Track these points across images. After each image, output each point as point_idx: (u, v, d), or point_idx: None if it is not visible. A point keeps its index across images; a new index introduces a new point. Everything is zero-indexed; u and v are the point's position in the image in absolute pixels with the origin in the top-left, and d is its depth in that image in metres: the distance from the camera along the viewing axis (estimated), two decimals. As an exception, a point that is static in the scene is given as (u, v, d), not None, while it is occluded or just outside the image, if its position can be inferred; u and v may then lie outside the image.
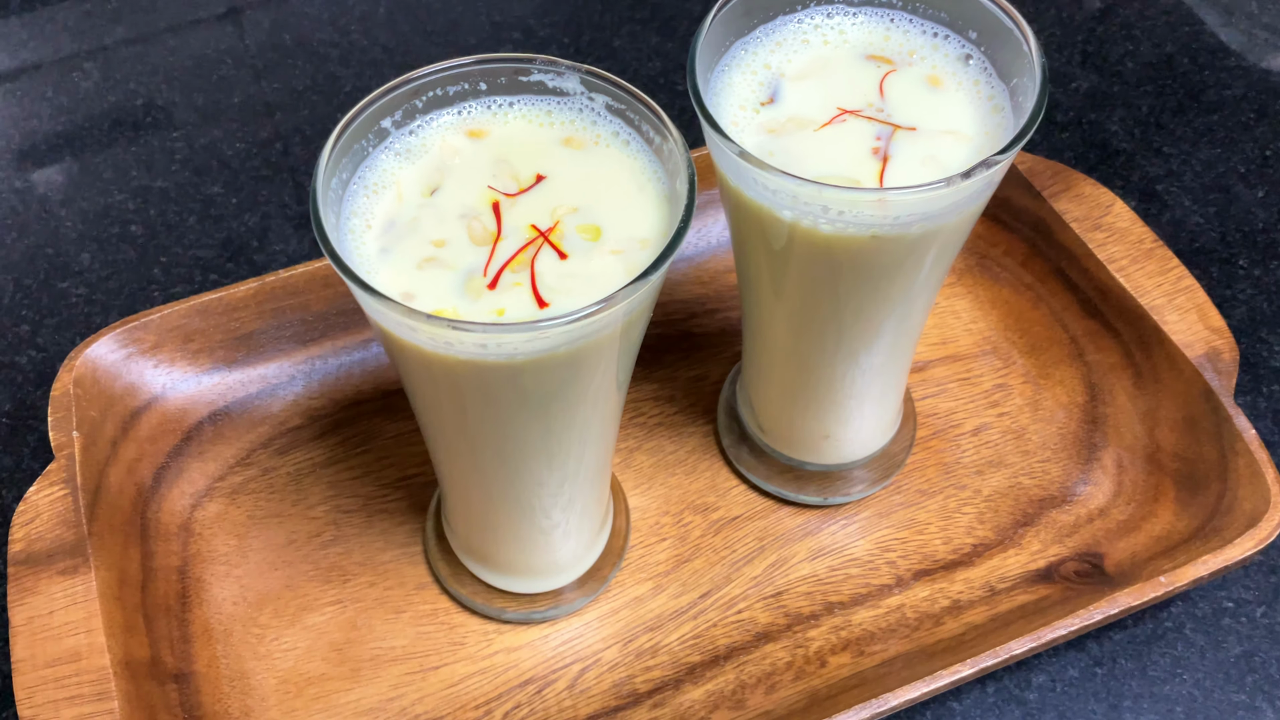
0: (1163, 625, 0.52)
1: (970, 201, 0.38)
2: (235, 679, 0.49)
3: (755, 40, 0.43)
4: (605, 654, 0.50)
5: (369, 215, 0.38)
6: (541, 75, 0.40)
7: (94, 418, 0.53)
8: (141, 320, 0.55)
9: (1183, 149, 0.69)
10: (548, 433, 0.41)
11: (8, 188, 0.69)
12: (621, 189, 0.38)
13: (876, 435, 0.53)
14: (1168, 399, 0.54)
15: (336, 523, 0.54)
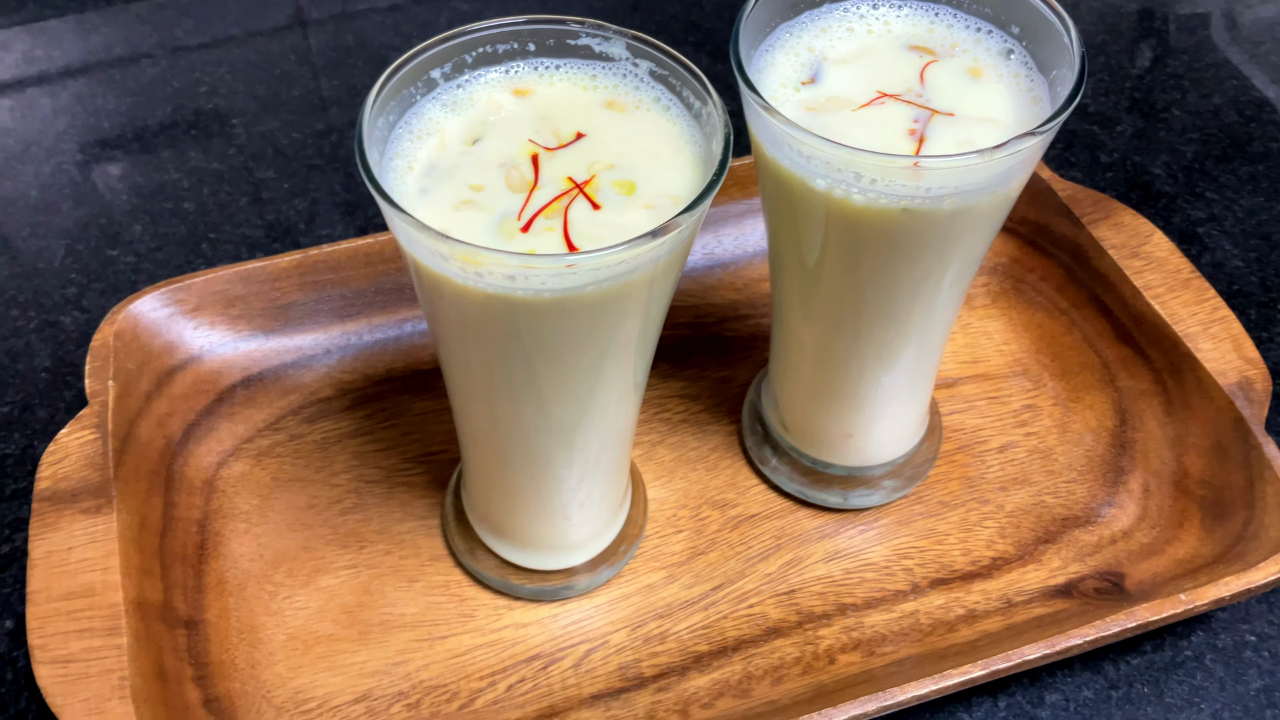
0: (1182, 654, 0.51)
1: (1002, 182, 0.39)
2: (245, 631, 0.50)
3: (800, 24, 0.44)
4: (613, 637, 0.50)
5: (411, 158, 0.39)
6: (589, 39, 0.41)
7: (130, 370, 0.54)
8: (186, 282, 0.56)
9: (1225, 195, 0.69)
10: (569, 388, 0.41)
11: (70, 160, 0.71)
12: (659, 150, 0.39)
13: (900, 440, 0.53)
14: (1197, 426, 0.53)
15: (358, 491, 0.54)
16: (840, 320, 0.46)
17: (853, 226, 0.40)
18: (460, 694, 0.48)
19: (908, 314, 0.45)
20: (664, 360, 0.60)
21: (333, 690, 0.48)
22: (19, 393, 0.59)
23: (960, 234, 0.41)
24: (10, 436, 0.57)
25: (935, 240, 0.41)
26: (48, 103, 0.75)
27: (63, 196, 0.69)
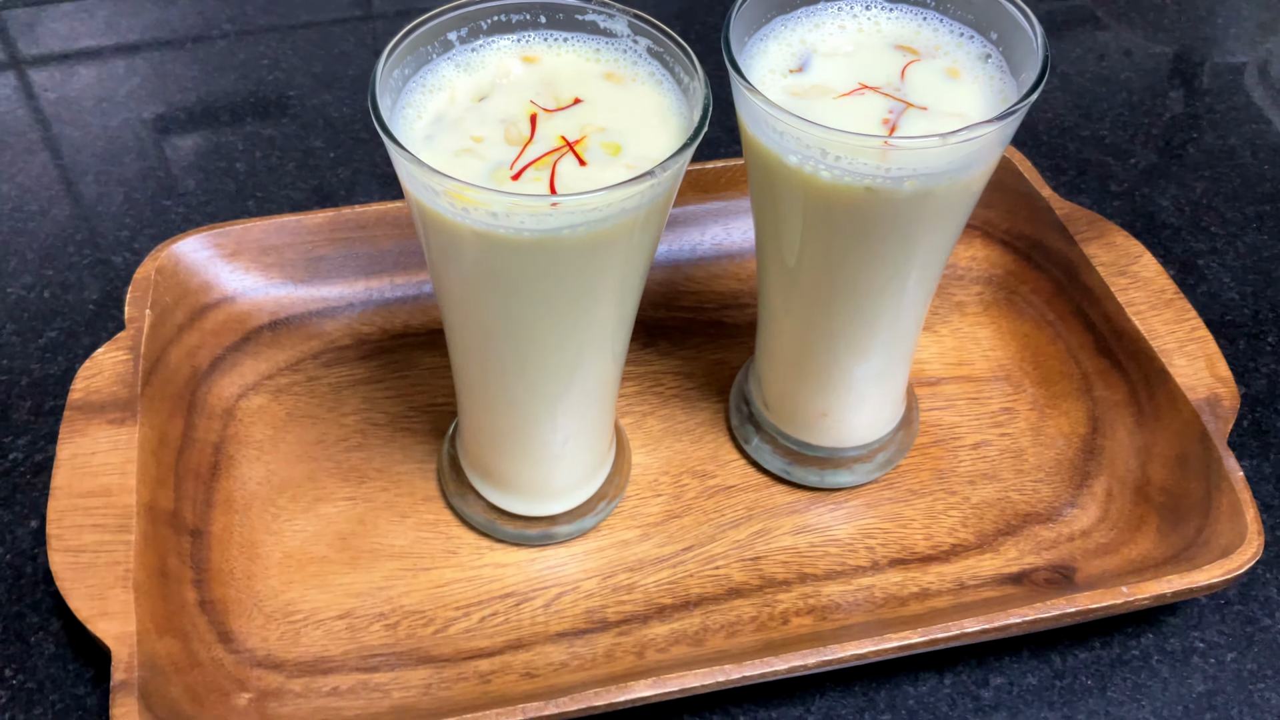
0: (1130, 652, 0.53)
1: (960, 169, 0.42)
2: (245, 546, 0.54)
3: (796, 19, 0.47)
4: (584, 584, 0.53)
5: (421, 108, 0.43)
6: (595, 16, 0.45)
7: (168, 303, 0.58)
8: (226, 228, 0.61)
9: (1229, 230, 0.71)
10: (547, 336, 0.45)
11: (137, 118, 0.77)
12: (648, 118, 0.43)
13: (874, 425, 0.56)
14: (1164, 436, 0.55)
15: (364, 432, 0.58)
16: (814, 304, 0.49)
17: (821, 203, 0.44)
18: (436, 620, 0.52)
19: (876, 300, 0.48)
20: (664, 339, 0.63)
21: (319, 605, 0.52)
22: (67, 320, 0.64)
23: (921, 218, 0.44)
24: (54, 359, 0.62)
25: (897, 222, 0.44)
26: (124, 65, 0.81)
27: (127, 150, 0.74)
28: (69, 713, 0.50)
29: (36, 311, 0.65)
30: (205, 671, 0.48)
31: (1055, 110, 0.78)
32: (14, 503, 0.56)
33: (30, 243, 0.68)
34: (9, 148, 0.74)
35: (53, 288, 0.66)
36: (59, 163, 0.74)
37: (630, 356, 0.62)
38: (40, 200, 0.71)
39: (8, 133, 0.75)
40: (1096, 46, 0.84)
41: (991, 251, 0.66)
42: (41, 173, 0.73)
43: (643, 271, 0.46)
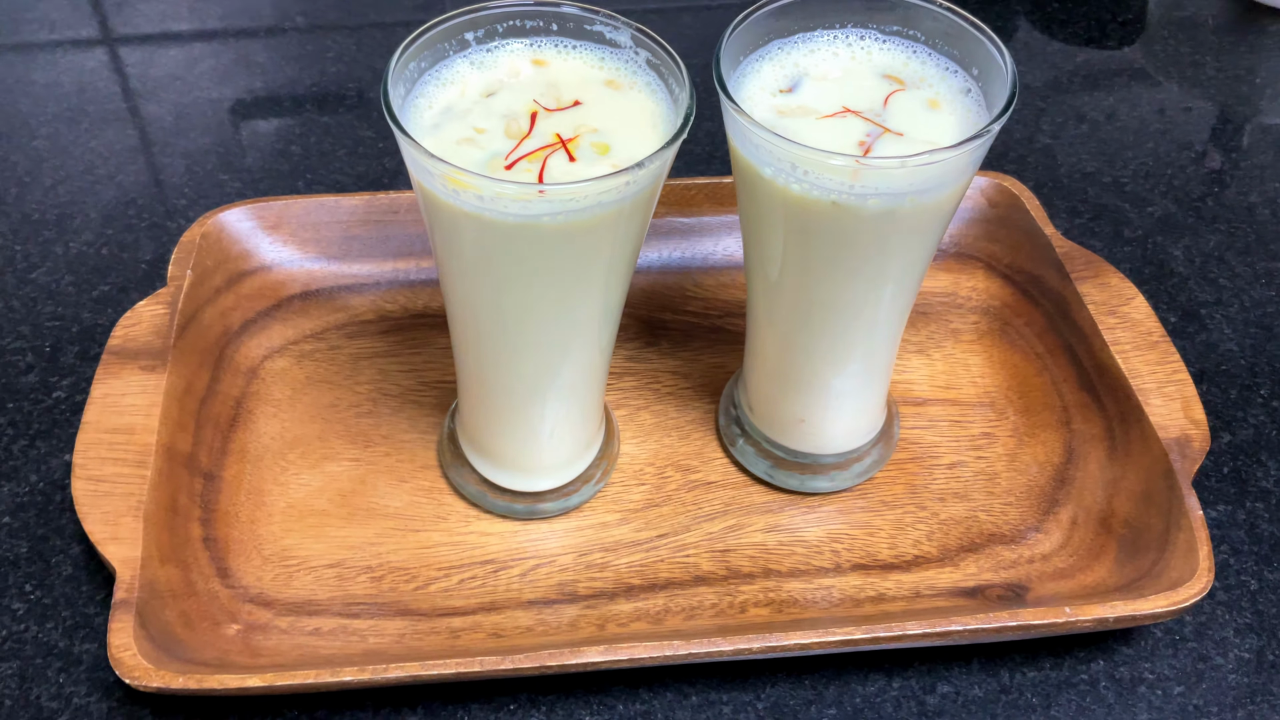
0: (1079, 675, 0.55)
1: (922, 192, 0.45)
2: (252, 493, 0.58)
3: (792, 43, 0.50)
4: (560, 558, 0.57)
5: (432, 99, 0.47)
6: (602, 27, 0.48)
7: (208, 266, 0.63)
8: (270, 203, 0.66)
9: (1237, 284, 0.72)
10: (532, 321, 0.48)
11: (206, 97, 0.82)
12: (639, 124, 0.46)
13: (851, 435, 0.59)
14: (1133, 472, 0.57)
15: (375, 401, 0.62)
16: (794, 317, 0.52)
17: (794, 216, 0.47)
18: (418, 578, 0.56)
19: (851, 315, 0.51)
20: (666, 340, 0.67)
21: (314, 554, 0.56)
22: (119, 276, 0.69)
23: (887, 235, 0.47)
24: (104, 310, 0.67)
25: (865, 237, 0.47)
26: (201, 49, 0.87)
27: (194, 126, 0.80)
28: (77, 629, 0.54)
29: (94, 266, 0.70)
30: (200, 601, 0.53)
31: (1080, 155, 0.80)
32: (52, 436, 0.61)
33: (96, 203, 0.74)
34: (88, 116, 0.80)
35: (111, 246, 0.71)
36: (132, 133, 0.79)
37: (632, 353, 0.66)
38: (109, 166, 0.76)
39: (89, 102, 0.81)
40: (1130, 97, 0.85)
41: (991, 283, 0.68)
42: (115, 140, 0.78)
43: (626, 267, 0.49)
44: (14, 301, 0.68)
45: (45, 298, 0.68)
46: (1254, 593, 0.58)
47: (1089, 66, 0.88)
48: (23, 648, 0.53)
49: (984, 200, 0.69)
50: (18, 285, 0.69)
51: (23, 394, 0.63)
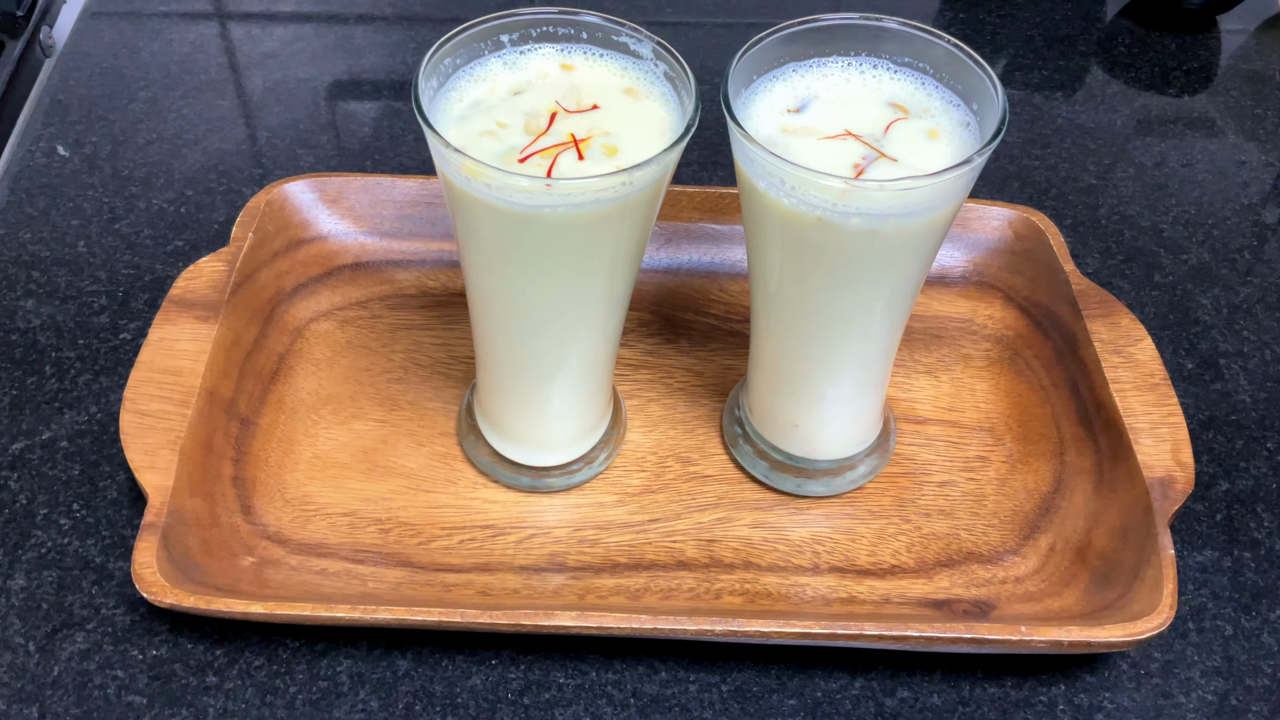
0: (1038, 696, 0.57)
1: (903, 215, 0.47)
2: (282, 441, 0.63)
3: (807, 66, 0.53)
4: (555, 531, 0.60)
5: (462, 93, 0.51)
6: (627, 39, 0.52)
7: (269, 230, 0.68)
8: (332, 178, 0.71)
9: (1262, 338, 0.73)
10: (542, 302, 0.52)
11: (294, 77, 0.88)
12: (649, 131, 0.50)
13: (844, 443, 0.61)
14: (1114, 507, 0.59)
15: (406, 369, 0.67)
16: (790, 327, 0.55)
17: (785, 228, 0.50)
18: (422, 534, 0.60)
19: (842, 328, 0.54)
20: (686, 339, 0.70)
21: (331, 502, 0.61)
22: (193, 234, 0.75)
23: (871, 254, 0.49)
24: (175, 264, 0.73)
25: (849, 254, 0.49)
26: (295, 31, 0.92)
27: (280, 101, 0.86)
28: (113, 547, 0.60)
29: (171, 223, 0.76)
30: (221, 532, 0.58)
31: (1123, 197, 0.81)
32: (114, 373, 0.67)
33: (181, 165, 0.80)
34: (184, 84, 0.87)
35: (189, 205, 0.77)
36: (222, 104, 0.85)
37: (653, 347, 0.69)
38: (197, 131, 0.83)
39: (186, 72, 0.88)
40: (1184, 145, 0.86)
41: (1008, 314, 0.70)
42: (206, 109, 0.85)
43: (630, 260, 0.53)
44: (97, 249, 0.74)
45: (125, 248, 0.74)
46: (1227, 638, 0.59)
47: (1146, 111, 0.89)
48: (63, 559, 0.59)
49: (1010, 232, 0.71)
50: (101, 234, 0.75)
51: (93, 332, 0.69)
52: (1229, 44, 0.96)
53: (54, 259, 0.73)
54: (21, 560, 0.59)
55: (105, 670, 0.55)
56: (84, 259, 0.73)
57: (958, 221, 0.72)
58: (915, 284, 0.53)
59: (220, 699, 0.55)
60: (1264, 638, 0.59)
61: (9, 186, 0.78)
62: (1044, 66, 0.92)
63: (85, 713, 0.54)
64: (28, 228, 0.75)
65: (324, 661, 0.56)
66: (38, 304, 0.71)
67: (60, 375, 0.67)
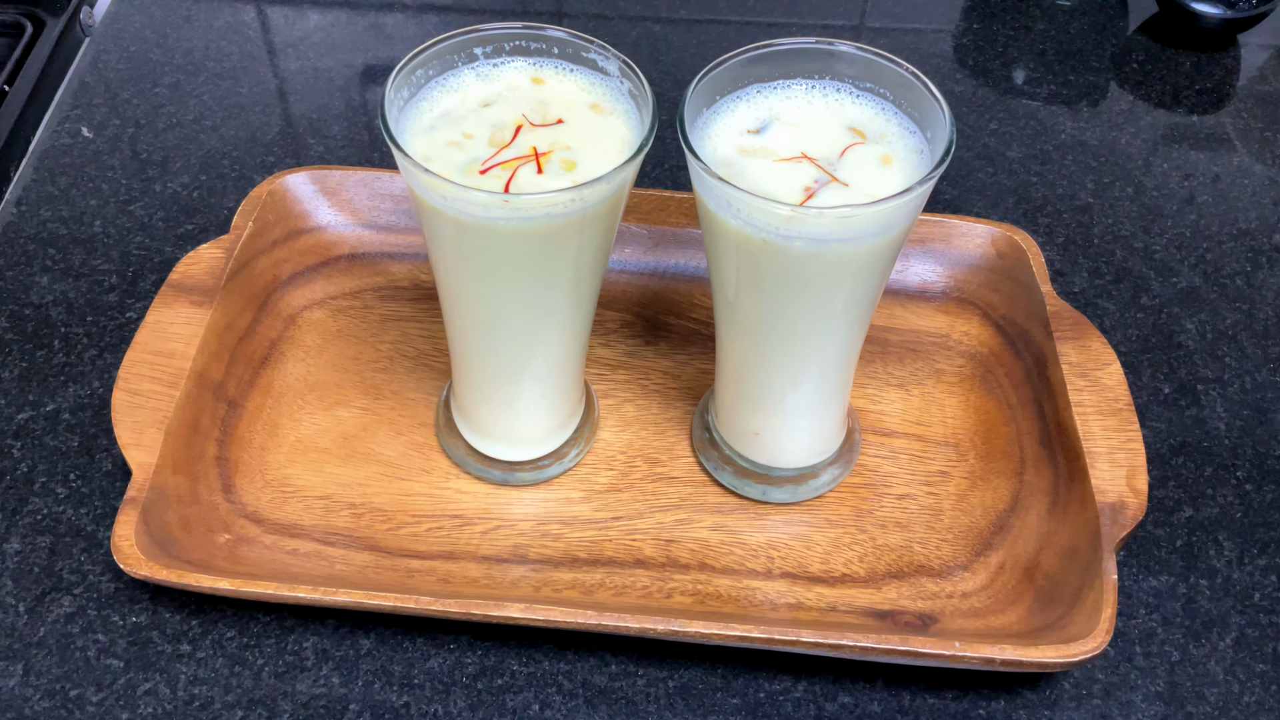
0: (977, 709, 0.58)
1: (844, 241, 0.49)
2: (268, 424, 0.66)
3: (771, 88, 0.55)
4: (520, 524, 0.63)
5: (434, 102, 0.53)
6: (595, 55, 0.54)
7: (269, 219, 0.71)
8: (333, 171, 0.74)
9: (1244, 366, 0.73)
10: (504, 306, 0.54)
11: (310, 67, 0.91)
12: (609, 147, 0.52)
13: (804, 453, 0.63)
14: (1065, 529, 0.60)
15: (392, 359, 0.70)
16: (748, 336, 0.57)
17: (737, 246, 0.51)
18: (392, 520, 0.62)
19: (798, 341, 0.55)
20: (665, 341, 0.72)
21: (308, 484, 0.64)
22: (204, 219, 0.78)
23: (816, 275, 0.51)
24: (184, 247, 0.76)
25: (795, 274, 0.51)
26: (330, 17, 0.95)
27: (294, 91, 0.88)
28: (104, 517, 0.63)
29: (183, 207, 0.79)
30: (201, 509, 0.61)
31: (1118, 217, 0.82)
32: (118, 350, 0.70)
33: (197, 150, 0.83)
34: (206, 70, 0.90)
35: (201, 191, 0.80)
36: (240, 91, 0.88)
37: (632, 349, 0.71)
38: (215, 118, 0.86)
39: (209, 59, 0.91)
40: (1186, 165, 0.86)
41: (984, 331, 0.71)
42: (225, 96, 0.88)
43: (591, 270, 0.55)
44: (111, 229, 0.77)
45: (137, 229, 0.78)
46: (1174, 664, 0.60)
47: (1152, 130, 0.89)
48: (57, 525, 0.63)
49: (993, 250, 0.72)
50: (116, 215, 0.78)
51: (101, 310, 0.73)
52: (1248, 63, 0.95)
53: (70, 237, 0.77)
54: (18, 525, 0.63)
55: (88, 634, 0.59)
56: (98, 239, 0.77)
57: (941, 237, 0.73)
58: (868, 301, 0.55)
59: (192, 667, 0.58)
60: (1210, 665, 0.60)
61: (34, 165, 0.82)
62: (1053, 80, 0.92)
63: (66, 672, 0.57)
64: (48, 206, 0.79)
65: (292, 637, 0.59)
66: (52, 280, 0.74)
67: (68, 350, 0.71)
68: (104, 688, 0.57)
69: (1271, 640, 0.61)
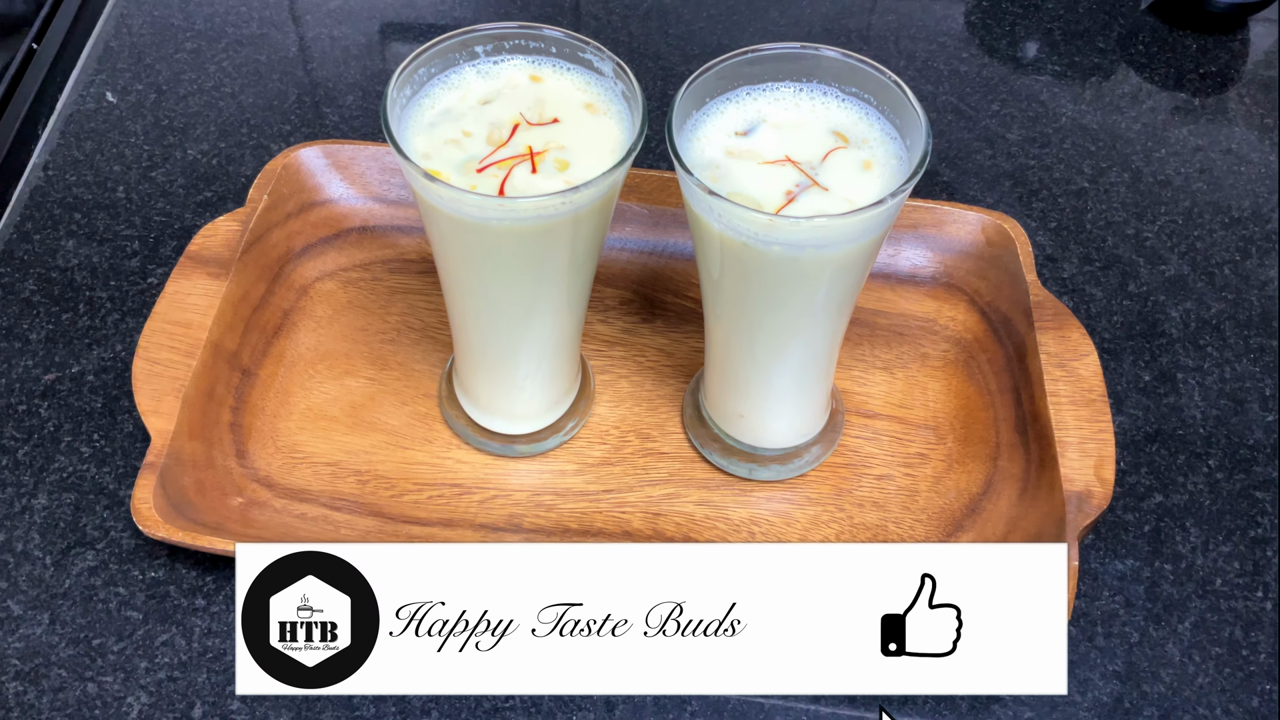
0: (940, 684, 0.61)
1: (821, 247, 0.51)
2: (280, 392, 0.69)
3: (760, 91, 0.57)
4: (516, 494, 0.66)
5: (435, 99, 0.55)
6: (591, 56, 0.56)
7: (284, 193, 0.74)
8: (345, 145, 0.76)
9: (1225, 356, 0.75)
10: (499, 292, 0.57)
11: (327, 34, 0.93)
12: (602, 148, 0.54)
13: (788, 434, 0.66)
14: (1032, 515, 0.63)
15: (400, 331, 0.73)
16: (730, 325, 0.60)
17: (718, 247, 0.54)
18: (395, 488, 0.66)
19: (779, 332, 0.58)
20: (662, 319, 0.75)
21: (317, 451, 0.67)
22: (223, 186, 0.81)
23: (795, 277, 0.53)
24: (204, 214, 0.80)
25: (774, 276, 0.53)
26: (338, -15, 0.97)
27: (313, 58, 0.91)
28: (126, 476, 0.67)
29: (203, 174, 0.82)
30: (216, 474, 0.64)
31: (1111, 203, 0.83)
32: (140, 315, 0.74)
33: (217, 117, 0.86)
34: (227, 36, 0.92)
35: (220, 158, 0.83)
36: (260, 57, 0.91)
37: (630, 326, 0.74)
38: (235, 84, 0.88)
39: (230, 24, 0.93)
40: (1182, 151, 0.87)
41: (970, 317, 0.73)
42: (245, 62, 0.90)
43: (585, 264, 0.57)
44: (134, 194, 0.81)
45: (159, 195, 0.81)
46: (1132, 645, 0.63)
47: (1153, 115, 0.90)
48: (82, 483, 0.66)
49: (983, 238, 0.74)
50: (139, 181, 0.81)
51: (124, 275, 0.76)
52: (1256, 46, 0.96)
53: (95, 202, 0.80)
54: (45, 482, 0.67)
55: (109, 587, 0.63)
56: (121, 204, 0.80)
57: (933, 223, 0.75)
58: (847, 298, 0.57)
59: (206, 620, 0.62)
60: (1168, 647, 0.63)
61: (60, 129, 0.85)
62: (1058, 61, 0.93)
63: (89, 623, 0.62)
64: (74, 171, 0.82)
65: (299, 595, 0.63)
66: (77, 245, 0.78)
67: (92, 314, 0.74)
68: (124, 638, 0.61)
69: (1229, 625, 0.64)
